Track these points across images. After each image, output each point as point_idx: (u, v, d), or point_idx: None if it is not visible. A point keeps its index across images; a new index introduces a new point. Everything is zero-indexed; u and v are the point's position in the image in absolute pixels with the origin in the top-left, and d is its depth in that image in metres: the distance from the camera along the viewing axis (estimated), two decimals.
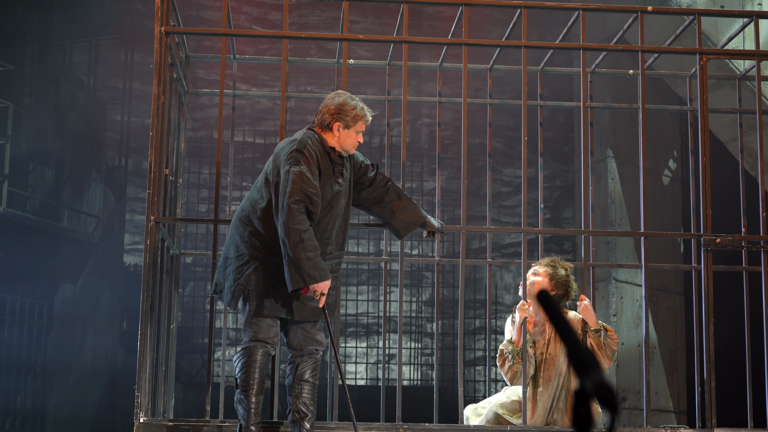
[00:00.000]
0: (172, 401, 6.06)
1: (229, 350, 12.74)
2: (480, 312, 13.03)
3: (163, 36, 5.48)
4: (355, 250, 13.22)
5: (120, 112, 12.10)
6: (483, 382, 12.83)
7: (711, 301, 5.59)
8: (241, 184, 13.01)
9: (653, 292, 10.48)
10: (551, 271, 5.83)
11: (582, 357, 1.65)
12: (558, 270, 5.83)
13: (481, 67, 6.90)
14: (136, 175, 12.62)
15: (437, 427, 5.38)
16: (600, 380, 1.61)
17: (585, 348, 1.68)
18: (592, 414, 1.64)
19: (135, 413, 5.15)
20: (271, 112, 13.24)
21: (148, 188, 5.38)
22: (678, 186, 11.11)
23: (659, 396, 10.58)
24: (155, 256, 5.36)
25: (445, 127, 12.50)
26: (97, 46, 11.80)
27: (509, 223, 13.29)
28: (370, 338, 13.21)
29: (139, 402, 5.16)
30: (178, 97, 6.18)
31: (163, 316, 5.68)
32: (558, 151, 12.97)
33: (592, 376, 1.62)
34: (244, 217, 5.09)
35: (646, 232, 5.74)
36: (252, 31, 11.76)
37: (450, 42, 6.05)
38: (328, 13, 13.09)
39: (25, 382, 10.32)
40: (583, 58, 5.81)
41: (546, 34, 11.17)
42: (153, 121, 5.40)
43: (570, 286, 5.84)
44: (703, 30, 8.53)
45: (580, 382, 1.65)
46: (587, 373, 1.63)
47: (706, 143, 5.76)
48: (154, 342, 5.39)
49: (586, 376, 1.62)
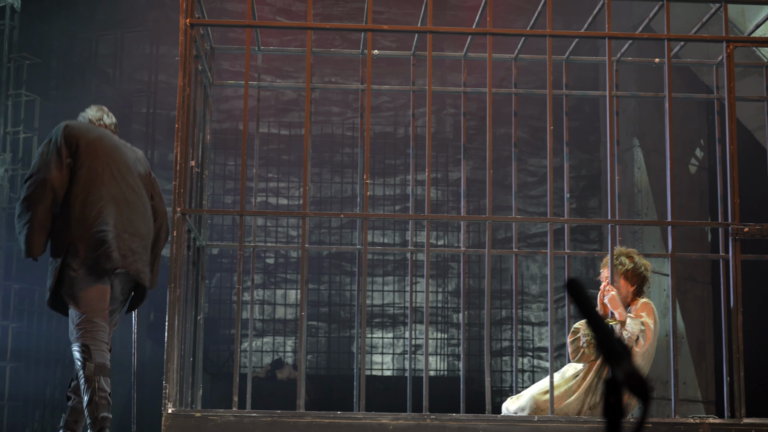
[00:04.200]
0: (199, 392, 6.08)
1: (256, 341, 12.77)
2: (506, 302, 13.00)
3: (188, 28, 5.49)
4: (381, 241, 13.22)
5: (145, 104, 12.14)
6: (510, 372, 12.81)
7: (739, 290, 5.56)
8: (267, 175, 13.03)
9: (680, 281, 10.44)
10: (622, 269, 5.87)
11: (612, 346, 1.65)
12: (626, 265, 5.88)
13: (506, 56, 6.88)
14: (162, 167, 12.65)
15: (464, 417, 5.38)
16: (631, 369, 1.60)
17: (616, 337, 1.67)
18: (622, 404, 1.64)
19: (163, 404, 5.18)
20: (296, 103, 13.25)
21: (174, 180, 5.40)
22: (705, 175, 11.05)
23: (687, 386, 10.54)
24: (182, 248, 5.38)
25: (469, 117, 12.47)
26: (123, 39, 11.83)
27: (535, 213, 13.25)
28: (396, 329, 13.21)
29: (167, 393, 5.18)
30: (203, 89, 6.19)
31: (190, 307, 5.70)
32: (584, 141, 12.92)
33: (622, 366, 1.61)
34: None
35: (674, 221, 5.71)
36: (276, 23, 11.77)
37: (475, 32, 6.03)
38: (352, 4, 13.07)
39: (54, 374, 10.39)
40: (608, 46, 5.78)
41: (571, 23, 11.13)
42: (178, 113, 5.41)
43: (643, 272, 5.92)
44: (730, 17, 8.47)
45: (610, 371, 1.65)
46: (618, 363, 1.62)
47: (734, 131, 5.73)
48: (181, 333, 5.41)
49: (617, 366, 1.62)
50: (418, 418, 5.26)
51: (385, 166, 13.20)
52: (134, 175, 5.70)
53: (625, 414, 1.63)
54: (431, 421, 5.26)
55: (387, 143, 13.29)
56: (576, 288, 1.83)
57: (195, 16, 5.59)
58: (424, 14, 6.06)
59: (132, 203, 5.61)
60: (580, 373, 5.93)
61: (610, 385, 1.63)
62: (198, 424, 5.17)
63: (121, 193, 5.56)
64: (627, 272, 5.91)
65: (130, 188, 5.62)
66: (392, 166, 13.29)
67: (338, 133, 13.27)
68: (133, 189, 5.64)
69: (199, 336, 5.99)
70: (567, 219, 6.07)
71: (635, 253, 6.03)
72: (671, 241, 5.71)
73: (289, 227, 13.11)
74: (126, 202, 5.57)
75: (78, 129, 5.61)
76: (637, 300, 5.99)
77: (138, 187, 5.68)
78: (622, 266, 5.90)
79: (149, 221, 5.73)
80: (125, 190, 5.59)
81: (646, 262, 6.03)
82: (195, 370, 5.90)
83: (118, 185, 5.57)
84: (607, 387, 1.64)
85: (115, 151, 5.64)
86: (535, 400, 5.86)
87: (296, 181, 13.22)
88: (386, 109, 13.46)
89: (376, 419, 5.19)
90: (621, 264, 5.91)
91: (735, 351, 5.50)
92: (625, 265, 5.91)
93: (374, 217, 5.95)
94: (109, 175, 5.55)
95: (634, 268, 5.94)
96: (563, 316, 11.51)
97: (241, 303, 5.63)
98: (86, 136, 5.58)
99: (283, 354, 12.83)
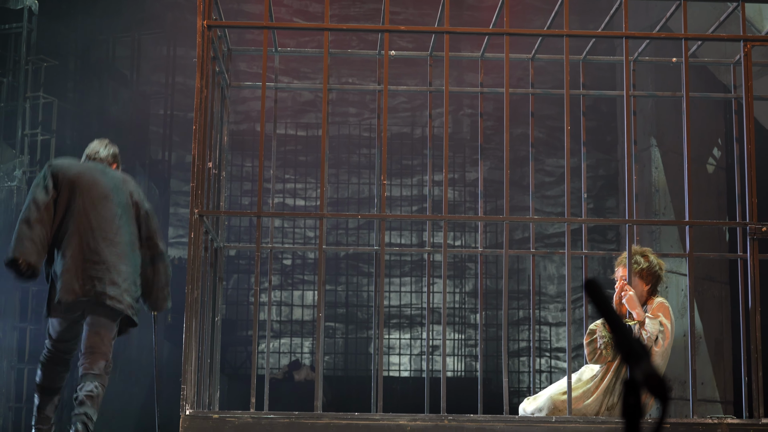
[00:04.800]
0: (217, 393, 6.09)
1: (273, 342, 12.79)
2: (524, 303, 12.99)
3: (205, 30, 5.51)
4: (398, 242, 13.23)
5: (163, 106, 12.17)
6: (527, 373, 12.80)
7: (757, 290, 5.54)
8: (284, 176, 13.05)
9: (698, 281, 10.41)
10: (637, 268, 5.86)
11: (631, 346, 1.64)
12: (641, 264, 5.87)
13: (523, 56, 6.87)
14: (180, 168, 12.69)
15: (482, 417, 5.37)
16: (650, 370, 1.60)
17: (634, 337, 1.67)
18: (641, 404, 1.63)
19: (181, 405, 5.19)
20: (313, 104, 13.27)
21: (192, 181, 5.41)
22: (723, 174, 11.02)
23: (705, 386, 10.51)
24: (199, 249, 5.39)
25: (487, 118, 12.47)
26: (140, 41, 11.86)
27: (552, 213, 13.24)
28: (413, 329, 13.21)
29: (185, 394, 5.20)
30: (220, 90, 6.20)
31: (207, 308, 5.71)
32: (601, 141, 12.90)
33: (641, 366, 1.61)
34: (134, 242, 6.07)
35: (691, 221, 5.69)
36: (293, 24, 11.78)
37: (492, 32, 6.03)
38: (369, 5, 13.09)
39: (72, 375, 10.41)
40: (625, 46, 5.77)
41: (588, 23, 11.11)
42: (196, 115, 5.42)
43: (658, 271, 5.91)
44: (747, 16, 8.44)
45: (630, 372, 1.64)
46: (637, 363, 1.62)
47: (751, 131, 5.71)
48: (199, 335, 5.42)
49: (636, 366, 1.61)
50: (435, 419, 5.26)
51: (402, 167, 13.21)
52: (112, 205, 6.05)
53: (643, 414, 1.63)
54: (449, 422, 5.26)
55: (404, 144, 13.29)
56: (594, 288, 1.82)
57: (212, 18, 5.60)
58: (440, 14, 6.05)
59: (101, 232, 5.97)
60: (597, 375, 5.93)
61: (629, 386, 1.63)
62: (216, 425, 5.18)
63: (89, 224, 5.95)
64: (642, 271, 5.90)
65: (103, 219, 5.99)
66: (409, 167, 13.29)
67: (355, 134, 13.29)
68: (105, 219, 6.00)
69: (216, 337, 6.00)
70: (584, 219, 6.06)
71: (650, 252, 6.02)
72: (689, 241, 5.69)
73: (307, 228, 13.12)
74: (92, 231, 5.95)
75: (59, 167, 6.10)
76: (652, 299, 5.98)
77: (114, 216, 6.03)
78: (637, 265, 5.89)
79: (123, 248, 6.04)
80: (94, 221, 5.96)
81: (660, 261, 6.02)
82: (213, 371, 5.91)
83: (87, 217, 5.96)
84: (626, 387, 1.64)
85: (92, 186, 6.03)
86: (553, 401, 5.86)
87: (313, 182, 13.23)
88: (403, 109, 13.47)
89: (393, 420, 5.19)
90: (636, 263, 5.90)
91: (753, 351, 5.48)
92: (641, 264, 5.89)
93: (391, 217, 5.95)
94: (80, 208, 5.96)
95: (649, 267, 5.93)
96: (581, 316, 11.49)
97: (259, 304, 5.64)
98: (66, 173, 6.03)
99: (301, 355, 12.85)
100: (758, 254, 5.62)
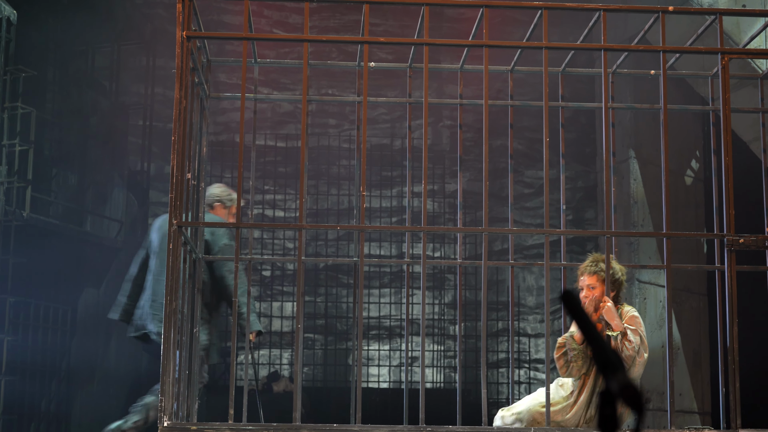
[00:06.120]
0: (195, 405, 6.07)
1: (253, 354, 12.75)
2: (503, 314, 13.01)
3: (184, 40, 5.50)
4: (378, 253, 13.22)
5: (142, 116, 12.14)
6: (506, 384, 12.81)
7: (735, 301, 5.57)
8: (263, 187, 13.03)
9: (676, 292, 10.45)
10: (602, 275, 5.86)
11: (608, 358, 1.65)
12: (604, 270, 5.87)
13: (502, 68, 6.89)
14: (159, 179, 12.65)
15: (460, 429, 5.37)
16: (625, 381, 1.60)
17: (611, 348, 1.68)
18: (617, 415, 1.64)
19: (159, 417, 5.17)
20: (293, 115, 13.26)
21: (171, 192, 5.40)
22: (701, 186, 11.07)
23: (683, 397, 10.54)
24: (178, 261, 5.38)
25: (466, 129, 12.49)
26: (119, 52, 11.84)
27: (531, 224, 13.26)
28: (392, 341, 13.21)
29: (163, 406, 5.18)
30: (199, 101, 6.19)
31: (186, 320, 5.70)
32: (580, 152, 12.94)
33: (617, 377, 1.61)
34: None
35: (669, 232, 5.72)
36: (273, 35, 11.78)
37: (471, 44, 6.04)
38: (349, 16, 13.10)
39: (49, 387, 10.37)
40: (604, 58, 5.79)
41: (567, 35, 11.14)
42: (175, 126, 5.41)
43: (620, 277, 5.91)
44: (725, 29, 8.49)
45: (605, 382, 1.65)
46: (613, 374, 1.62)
47: (729, 143, 5.73)
48: (177, 346, 5.40)
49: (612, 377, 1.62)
50: (414, 430, 5.25)
51: (381, 178, 13.22)
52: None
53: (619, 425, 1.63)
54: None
55: (384, 155, 13.30)
56: (571, 300, 1.83)
57: (192, 29, 5.59)
58: (420, 26, 6.06)
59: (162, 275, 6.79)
60: (574, 389, 5.93)
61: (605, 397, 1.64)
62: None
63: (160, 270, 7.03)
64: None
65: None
66: (389, 178, 13.30)
67: (335, 145, 13.29)
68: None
69: (195, 349, 5.99)
70: (563, 230, 6.08)
71: (611, 259, 6.01)
72: (667, 253, 5.71)
73: (286, 239, 13.11)
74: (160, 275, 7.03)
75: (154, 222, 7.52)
76: (622, 310, 5.99)
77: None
78: (602, 272, 5.89)
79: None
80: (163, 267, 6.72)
81: (622, 267, 6.02)
82: (191, 383, 5.89)
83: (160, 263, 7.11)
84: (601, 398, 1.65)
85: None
86: (532, 413, 5.86)
87: (293, 194, 13.22)
88: (383, 121, 13.48)
89: (372, 431, 5.19)
90: (601, 270, 5.90)
91: (731, 362, 5.51)
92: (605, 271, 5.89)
93: (371, 229, 5.95)
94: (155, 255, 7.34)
95: (612, 273, 5.93)
96: (560, 327, 11.51)
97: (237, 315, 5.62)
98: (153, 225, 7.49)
99: (280, 366, 12.82)
100: (736, 266, 5.64)
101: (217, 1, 12.41)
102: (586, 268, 5.94)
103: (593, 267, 5.91)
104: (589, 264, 5.94)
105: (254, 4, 11.52)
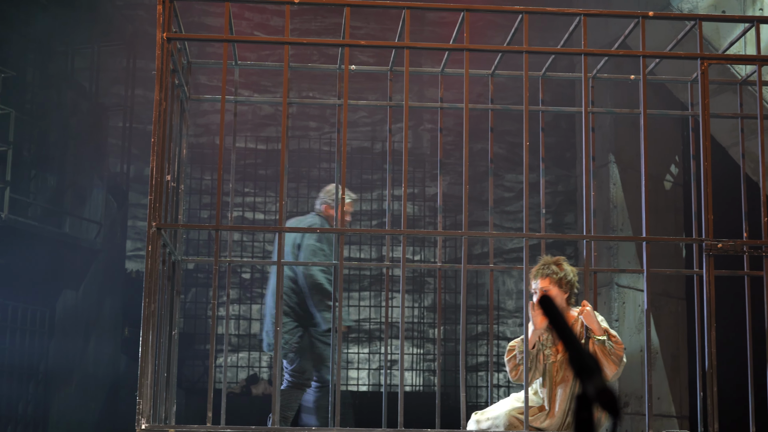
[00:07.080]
0: (174, 408, 6.06)
1: (231, 356, 12.73)
2: (482, 317, 13.02)
3: (164, 42, 5.49)
4: (357, 256, 13.22)
5: (122, 118, 12.09)
6: (485, 387, 12.82)
7: (713, 305, 5.59)
8: (243, 190, 13.02)
9: (655, 297, 10.48)
10: (555, 278, 5.85)
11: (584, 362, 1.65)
12: (558, 273, 5.85)
13: (483, 72, 6.90)
14: (138, 181, 12.62)
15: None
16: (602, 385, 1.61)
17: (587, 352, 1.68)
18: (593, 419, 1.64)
19: (137, 420, 5.15)
20: (273, 117, 13.25)
21: (150, 194, 5.38)
22: (680, 191, 11.10)
23: (661, 401, 10.57)
24: (156, 263, 5.36)
25: (447, 133, 12.50)
26: (99, 53, 11.79)
27: (511, 228, 13.29)
28: (372, 344, 13.20)
29: (141, 408, 5.16)
30: (180, 103, 6.18)
31: (164, 322, 5.68)
32: (560, 157, 12.97)
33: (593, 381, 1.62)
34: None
35: (648, 237, 5.73)
36: (254, 37, 11.76)
37: (452, 47, 6.05)
38: (330, 19, 13.10)
39: (26, 389, 10.32)
40: (584, 63, 5.81)
41: (548, 40, 11.17)
42: (155, 128, 5.40)
43: (574, 281, 5.89)
44: (705, 35, 8.53)
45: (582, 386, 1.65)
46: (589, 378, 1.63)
47: (708, 148, 5.76)
48: (156, 348, 5.39)
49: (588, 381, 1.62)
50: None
51: (362, 181, 13.21)
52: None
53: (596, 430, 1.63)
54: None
55: (364, 158, 13.30)
56: (549, 304, 1.83)
57: (172, 31, 5.58)
58: (401, 30, 6.07)
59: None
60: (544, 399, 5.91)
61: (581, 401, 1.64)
62: None
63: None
64: (561, 280, 5.88)
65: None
66: (369, 181, 13.30)
67: (315, 148, 13.28)
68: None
69: (173, 351, 5.97)
70: (543, 234, 6.09)
71: (564, 261, 6.00)
72: (646, 257, 5.72)
73: (266, 242, 13.09)
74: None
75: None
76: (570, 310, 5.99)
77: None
78: (555, 275, 5.88)
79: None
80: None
81: (573, 269, 6.01)
82: (169, 385, 5.87)
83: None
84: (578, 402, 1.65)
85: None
86: (509, 418, 5.85)
87: (273, 196, 13.21)
88: (363, 124, 13.48)
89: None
90: (554, 273, 5.88)
91: (709, 366, 5.53)
92: (558, 274, 5.88)
93: (350, 232, 5.95)
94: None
95: (564, 275, 5.91)
96: None
97: (217, 318, 5.62)
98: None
99: (259, 369, 12.80)
100: (714, 270, 5.66)
101: (198, 3, 12.39)
102: (539, 272, 5.92)
103: (545, 270, 5.90)
104: (541, 267, 5.92)
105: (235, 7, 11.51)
